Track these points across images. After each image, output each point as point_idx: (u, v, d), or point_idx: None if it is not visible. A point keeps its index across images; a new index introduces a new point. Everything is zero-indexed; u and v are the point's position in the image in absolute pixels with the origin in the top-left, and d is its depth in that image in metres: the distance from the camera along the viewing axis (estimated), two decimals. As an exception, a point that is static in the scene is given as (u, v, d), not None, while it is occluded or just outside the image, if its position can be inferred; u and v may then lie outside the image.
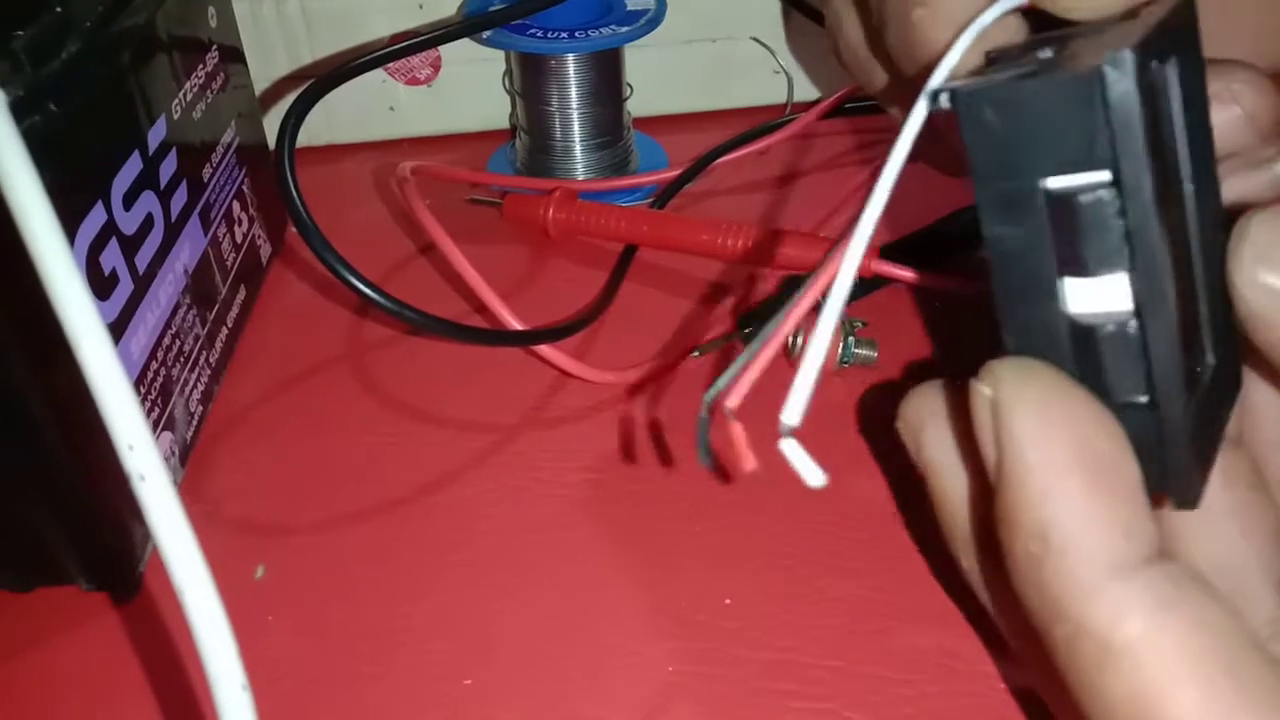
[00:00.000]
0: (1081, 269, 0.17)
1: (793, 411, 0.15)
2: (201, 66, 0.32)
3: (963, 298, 0.34)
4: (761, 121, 0.43)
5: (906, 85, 0.24)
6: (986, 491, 0.18)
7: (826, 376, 0.33)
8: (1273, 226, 0.16)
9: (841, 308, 0.16)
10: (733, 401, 0.15)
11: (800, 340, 0.32)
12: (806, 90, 0.46)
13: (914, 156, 0.17)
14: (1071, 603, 0.16)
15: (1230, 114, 0.20)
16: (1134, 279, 0.16)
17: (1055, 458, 0.16)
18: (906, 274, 0.34)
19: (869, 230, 0.16)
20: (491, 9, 0.37)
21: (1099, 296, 0.17)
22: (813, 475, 0.15)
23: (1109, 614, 0.15)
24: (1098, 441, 0.16)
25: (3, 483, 0.24)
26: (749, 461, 0.14)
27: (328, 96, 0.31)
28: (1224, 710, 0.15)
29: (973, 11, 0.19)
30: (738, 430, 0.15)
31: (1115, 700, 0.15)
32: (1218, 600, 0.16)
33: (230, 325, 0.34)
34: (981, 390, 0.17)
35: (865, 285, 0.35)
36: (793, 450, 0.15)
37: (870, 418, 0.31)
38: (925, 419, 0.20)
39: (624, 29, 0.39)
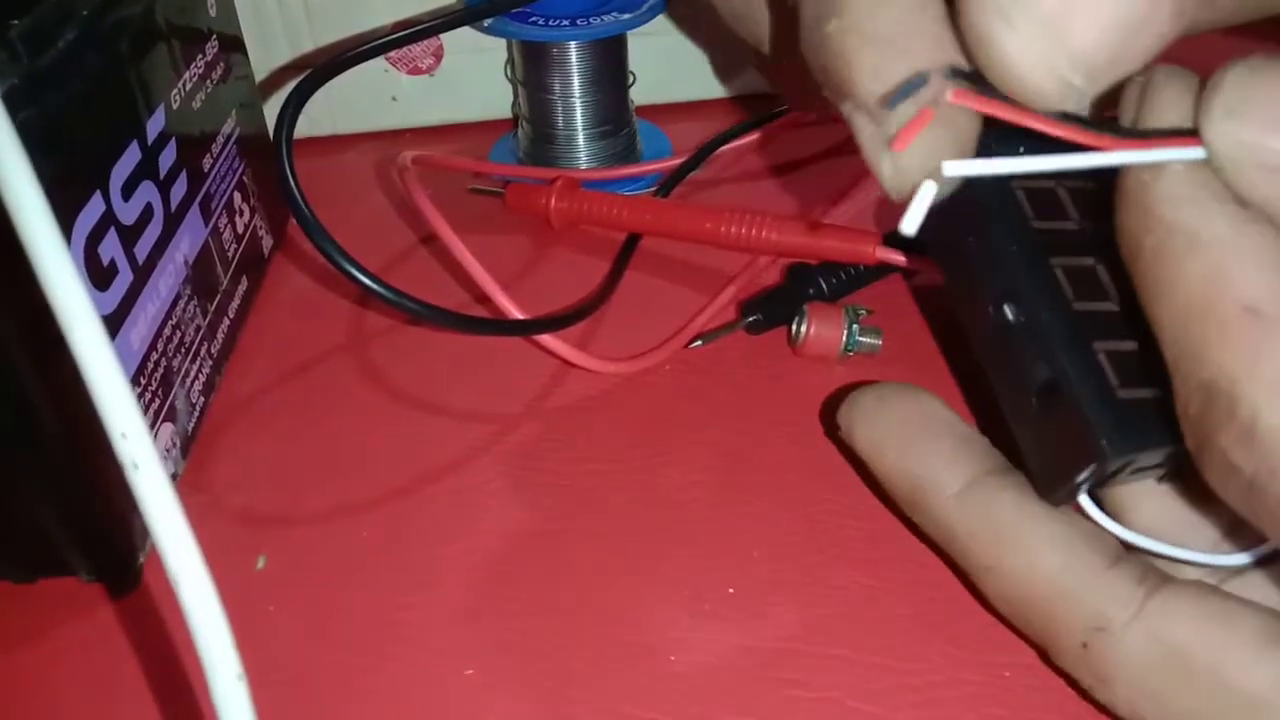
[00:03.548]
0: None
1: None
2: (201, 56, 0.32)
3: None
4: (766, 109, 0.43)
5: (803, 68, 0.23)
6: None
7: (830, 366, 0.32)
8: (1247, 79, 0.17)
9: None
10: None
11: (803, 329, 0.32)
12: (810, 78, 0.45)
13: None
14: (1169, 210, 0.18)
15: None
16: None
17: None
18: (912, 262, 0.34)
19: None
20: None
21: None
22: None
23: (1203, 219, 0.17)
24: None
25: (5, 474, 0.24)
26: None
27: (329, 86, 0.31)
28: None
29: (897, 30, 0.19)
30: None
31: (1190, 277, 0.17)
32: None
33: (232, 316, 0.33)
34: None
35: (868, 273, 0.35)
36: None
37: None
38: (852, 420, 0.25)
39: (626, 16, 0.39)
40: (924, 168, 0.19)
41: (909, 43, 0.19)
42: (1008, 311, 0.21)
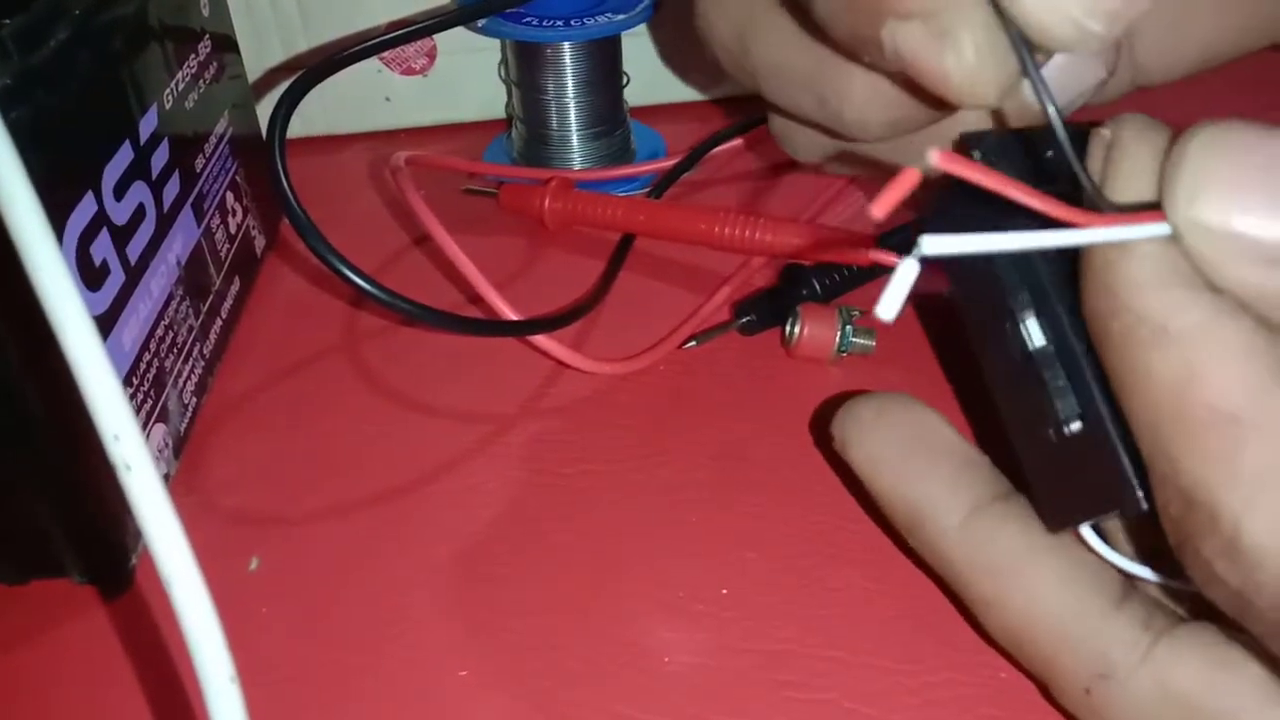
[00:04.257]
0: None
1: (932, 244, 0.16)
2: (194, 56, 0.32)
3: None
4: (759, 110, 0.43)
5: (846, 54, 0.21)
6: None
7: (823, 367, 0.32)
8: (1208, 155, 0.16)
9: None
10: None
11: (797, 329, 0.32)
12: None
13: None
14: (1135, 297, 0.17)
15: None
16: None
17: None
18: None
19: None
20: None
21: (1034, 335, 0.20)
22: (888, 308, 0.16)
23: (1172, 308, 0.16)
24: None
25: (-2, 475, 0.24)
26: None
27: (322, 86, 0.31)
28: (1260, 389, 0.16)
29: None
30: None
31: (1160, 378, 0.17)
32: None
33: (224, 317, 0.33)
34: None
35: (862, 274, 0.35)
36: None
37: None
38: (849, 432, 0.24)
39: (620, 16, 0.39)
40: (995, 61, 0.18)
41: None
42: (1032, 336, 0.20)
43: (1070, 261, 0.19)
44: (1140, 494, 0.18)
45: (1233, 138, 0.16)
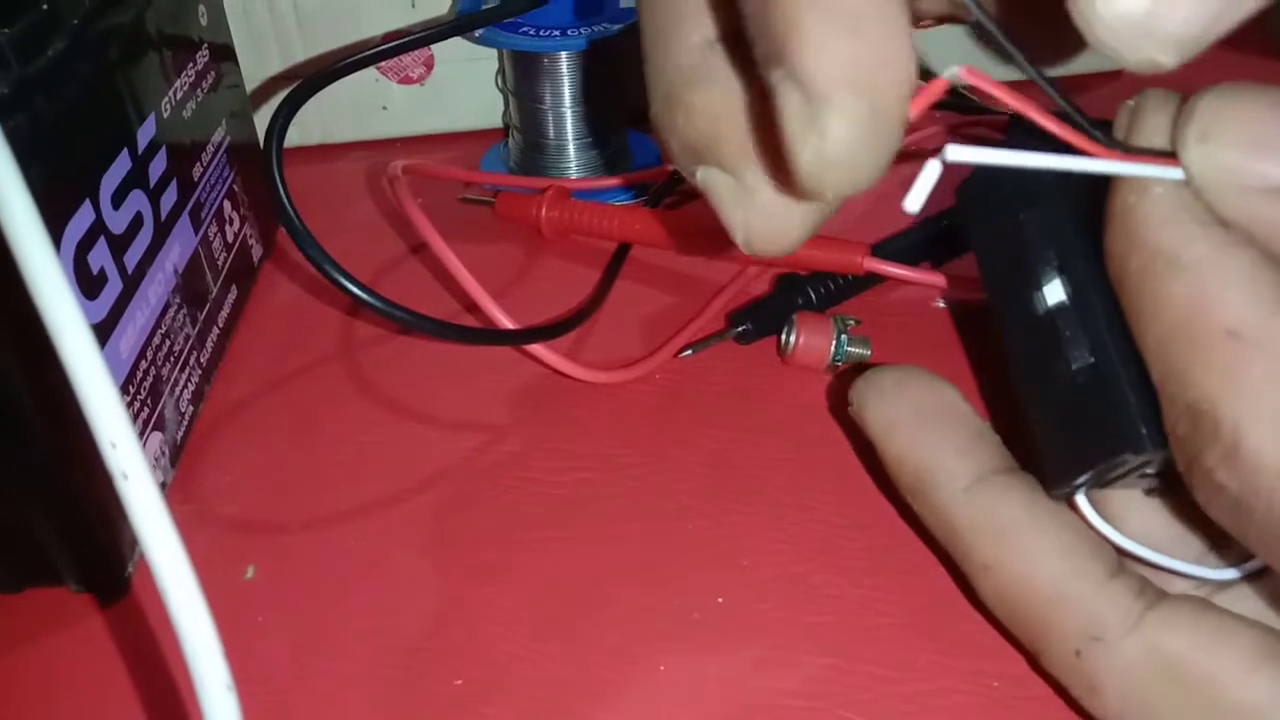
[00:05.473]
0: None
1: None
2: (192, 65, 0.32)
3: (954, 296, 0.34)
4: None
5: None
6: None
7: (819, 375, 0.32)
8: (1218, 104, 0.17)
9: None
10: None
11: (792, 338, 0.32)
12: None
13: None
14: (1151, 233, 0.18)
15: None
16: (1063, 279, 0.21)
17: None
18: (899, 272, 0.34)
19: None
20: (484, 7, 0.37)
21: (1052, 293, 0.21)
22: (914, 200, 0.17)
23: (1184, 240, 0.18)
24: None
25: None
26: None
27: (320, 96, 0.31)
28: (1263, 310, 0.17)
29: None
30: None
31: (1172, 304, 0.18)
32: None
33: (221, 325, 0.33)
34: None
35: (857, 283, 0.35)
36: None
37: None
38: (867, 398, 0.25)
39: (617, 26, 0.39)
40: (850, 158, 0.16)
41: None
42: (1052, 291, 0.21)
43: (1091, 226, 0.20)
44: (1145, 432, 0.19)
45: (1239, 91, 0.17)
